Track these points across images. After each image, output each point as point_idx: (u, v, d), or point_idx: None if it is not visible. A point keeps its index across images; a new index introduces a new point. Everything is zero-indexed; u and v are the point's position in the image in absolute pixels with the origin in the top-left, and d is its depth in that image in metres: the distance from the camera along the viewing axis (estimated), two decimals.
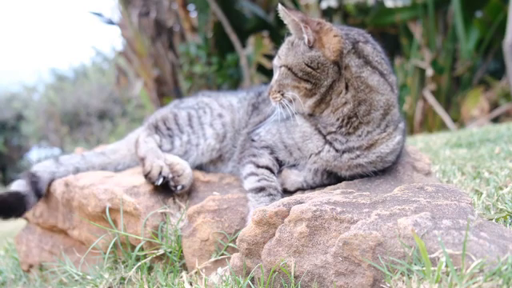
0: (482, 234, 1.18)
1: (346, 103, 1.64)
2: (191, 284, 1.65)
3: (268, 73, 7.04)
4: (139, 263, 1.78)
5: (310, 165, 1.80)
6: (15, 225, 6.24)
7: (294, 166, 1.88)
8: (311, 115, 1.74)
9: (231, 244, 1.72)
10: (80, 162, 2.22)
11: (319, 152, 1.74)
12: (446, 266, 1.08)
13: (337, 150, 1.71)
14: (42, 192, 2.09)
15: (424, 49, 6.79)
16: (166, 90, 8.53)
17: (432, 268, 1.09)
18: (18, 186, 2.04)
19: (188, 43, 7.77)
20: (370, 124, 1.67)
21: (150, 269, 1.83)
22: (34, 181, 2.07)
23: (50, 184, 2.16)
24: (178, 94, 8.24)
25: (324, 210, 1.36)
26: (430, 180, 1.88)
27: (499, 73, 7.05)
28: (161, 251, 1.80)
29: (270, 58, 6.59)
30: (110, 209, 1.89)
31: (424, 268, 1.10)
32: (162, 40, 8.35)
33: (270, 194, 1.75)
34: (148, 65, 8.36)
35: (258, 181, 1.79)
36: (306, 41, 1.63)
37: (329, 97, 1.66)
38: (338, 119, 1.67)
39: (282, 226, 1.42)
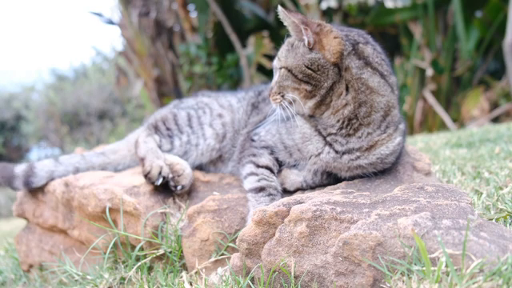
0: (482, 233, 1.18)
1: (346, 105, 1.64)
2: (191, 284, 1.65)
3: (268, 73, 7.04)
4: (139, 263, 1.78)
5: (309, 165, 1.80)
6: (15, 225, 6.25)
7: (294, 166, 1.88)
8: (311, 116, 1.74)
9: (231, 244, 1.72)
10: (80, 161, 2.22)
11: (319, 153, 1.74)
12: (446, 265, 1.08)
13: (337, 152, 1.71)
14: (31, 185, 2.16)
15: (424, 49, 6.79)
16: (166, 90, 8.53)
17: (432, 268, 1.09)
18: (20, 167, 2.17)
19: (188, 43, 7.77)
20: (371, 125, 1.67)
21: (150, 269, 1.83)
22: (29, 173, 2.15)
23: (47, 183, 2.17)
24: (178, 94, 8.24)
25: (324, 210, 1.36)
26: (430, 180, 1.88)
27: (499, 73, 7.05)
28: (161, 251, 1.80)
29: (270, 58, 6.59)
30: (110, 209, 1.89)
31: (424, 268, 1.10)
32: (162, 40, 8.35)
33: (269, 194, 1.75)
34: (148, 65, 8.36)
35: (258, 181, 1.79)
36: (306, 43, 1.63)
37: (329, 98, 1.66)
38: (338, 121, 1.67)
39: (282, 225, 1.42)
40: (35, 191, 2.23)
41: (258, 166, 1.85)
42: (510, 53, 5.75)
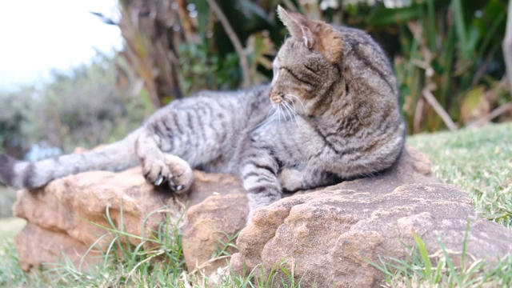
0: (482, 233, 1.18)
1: (346, 105, 1.64)
2: (191, 284, 1.65)
3: (268, 73, 7.04)
4: (139, 263, 1.78)
5: (309, 165, 1.80)
6: (15, 225, 6.25)
7: (294, 166, 1.88)
8: (311, 116, 1.74)
9: (231, 244, 1.72)
10: (80, 161, 2.22)
11: (319, 153, 1.74)
12: (446, 265, 1.08)
13: (337, 152, 1.71)
14: (31, 185, 2.16)
15: (424, 49, 6.79)
16: (166, 90, 8.53)
17: (432, 268, 1.09)
18: (20, 166, 2.15)
19: (188, 43, 7.77)
20: (371, 125, 1.67)
21: (150, 269, 1.83)
22: (29, 174, 2.14)
23: (47, 183, 2.17)
24: (178, 94, 8.24)
25: (324, 210, 1.36)
26: (430, 180, 1.88)
27: (499, 73, 7.05)
28: (161, 251, 1.80)
29: (270, 57, 6.59)
30: (110, 209, 1.89)
31: (424, 268, 1.10)
32: (162, 40, 8.35)
33: (269, 194, 1.75)
34: (148, 65, 8.36)
35: (258, 181, 1.79)
36: (306, 43, 1.62)
37: (329, 98, 1.66)
38: (338, 121, 1.67)
39: (282, 225, 1.42)
40: (35, 191, 2.23)
41: (258, 166, 1.85)
42: (510, 53, 5.75)
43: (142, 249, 1.82)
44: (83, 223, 2.03)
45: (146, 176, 1.92)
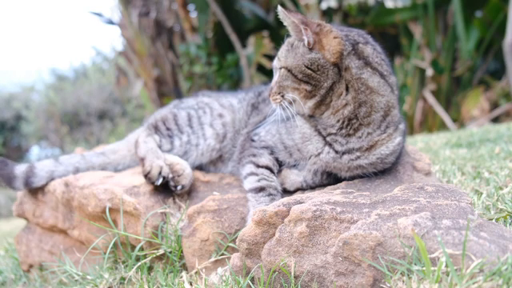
0: (482, 233, 1.18)
1: (346, 105, 1.64)
2: (191, 284, 1.66)
3: (268, 73, 7.04)
4: (139, 263, 1.78)
5: (309, 165, 1.80)
6: (15, 225, 6.25)
7: (294, 166, 1.88)
8: (311, 116, 1.74)
9: (231, 244, 1.72)
10: (80, 161, 2.22)
11: (319, 153, 1.74)
12: (446, 265, 1.08)
13: (337, 152, 1.71)
14: (31, 185, 2.16)
15: (424, 49, 6.80)
16: (166, 90, 8.53)
17: (432, 268, 1.09)
18: (20, 168, 2.16)
19: (188, 43, 7.78)
20: (371, 125, 1.67)
21: (150, 269, 1.83)
22: (29, 174, 2.15)
23: (47, 183, 2.17)
24: (178, 94, 8.24)
25: (324, 210, 1.36)
26: (430, 180, 1.88)
27: (499, 73, 7.06)
28: (161, 251, 1.80)
29: (270, 57, 6.59)
30: (110, 209, 1.89)
31: (424, 268, 1.10)
32: (162, 40, 8.35)
33: (269, 194, 1.75)
34: (148, 65, 8.36)
35: (258, 181, 1.79)
36: (306, 43, 1.62)
37: (329, 98, 1.66)
38: (338, 121, 1.67)
39: (282, 225, 1.42)
40: (35, 191, 2.23)
41: (258, 166, 1.85)
42: (510, 53, 5.75)
43: (141, 249, 1.82)
44: (83, 223, 2.03)
45: (146, 176, 1.92)
